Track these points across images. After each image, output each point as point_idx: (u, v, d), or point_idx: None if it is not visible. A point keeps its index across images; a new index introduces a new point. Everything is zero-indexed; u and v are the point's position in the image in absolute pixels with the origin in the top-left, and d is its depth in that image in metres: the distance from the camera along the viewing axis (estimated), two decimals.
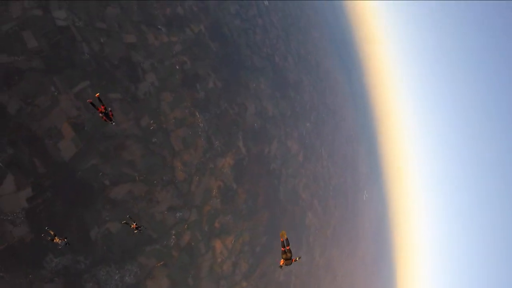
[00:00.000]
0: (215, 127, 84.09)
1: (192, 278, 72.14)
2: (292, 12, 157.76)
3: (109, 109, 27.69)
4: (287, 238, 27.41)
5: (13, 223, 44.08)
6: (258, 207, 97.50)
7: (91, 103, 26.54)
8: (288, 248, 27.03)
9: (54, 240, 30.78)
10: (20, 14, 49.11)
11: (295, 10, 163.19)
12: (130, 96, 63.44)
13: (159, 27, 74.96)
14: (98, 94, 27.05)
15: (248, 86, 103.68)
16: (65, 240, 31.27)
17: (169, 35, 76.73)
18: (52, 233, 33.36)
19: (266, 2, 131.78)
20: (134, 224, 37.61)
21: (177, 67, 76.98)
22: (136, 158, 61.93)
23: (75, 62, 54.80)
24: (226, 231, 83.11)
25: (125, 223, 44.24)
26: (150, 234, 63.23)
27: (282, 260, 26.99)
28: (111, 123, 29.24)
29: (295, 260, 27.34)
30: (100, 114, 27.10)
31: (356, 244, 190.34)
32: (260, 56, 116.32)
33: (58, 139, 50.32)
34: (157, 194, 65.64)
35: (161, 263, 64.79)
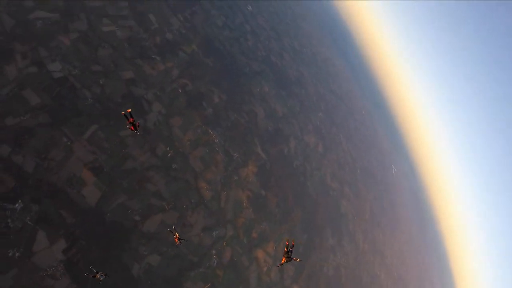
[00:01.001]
0: (230, 139, 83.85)
1: None
2: (277, 10, 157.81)
3: (138, 122, 30.70)
4: (292, 245, 27.97)
5: (53, 277, 44.43)
6: (291, 207, 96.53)
7: (124, 114, 29.04)
8: (291, 249, 27.65)
9: (96, 276, 31.50)
10: (16, 74, 50.08)
11: (280, 7, 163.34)
12: (141, 129, 63.10)
13: (153, 57, 75.69)
14: (129, 109, 29.70)
15: (252, 92, 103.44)
16: (104, 274, 32.28)
17: (164, 62, 77.25)
18: (94, 270, 34.11)
19: (249, 7, 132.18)
20: (177, 234, 36.93)
21: (180, 91, 77.27)
22: (160, 187, 61.96)
23: (80, 109, 55.45)
24: (265, 239, 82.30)
25: (170, 231, 43.59)
26: (191, 258, 63.10)
27: (284, 258, 27.67)
28: (136, 132, 31.52)
29: (295, 260, 27.93)
30: (128, 125, 30.01)
31: (397, 220, 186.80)
32: (257, 60, 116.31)
33: (81, 186, 50.75)
34: (189, 218, 65.52)
35: (208, 285, 64.38)
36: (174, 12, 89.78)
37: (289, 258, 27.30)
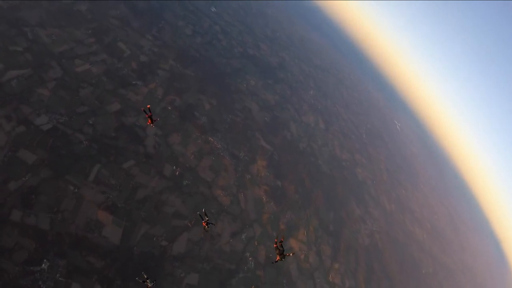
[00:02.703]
0: (232, 141, 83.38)
1: (287, 285, 71.31)
2: (240, 4, 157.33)
3: (157, 119, 34.45)
4: (281, 241, 28.43)
5: None
6: (309, 189, 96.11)
7: (144, 110, 33.42)
8: (280, 243, 28.06)
9: (146, 283, 31.90)
10: (6, 139, 49.50)
11: (242, 1, 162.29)
12: (142, 156, 63.20)
13: (133, 82, 75.13)
14: (149, 105, 33.07)
15: (240, 88, 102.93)
16: (154, 281, 32.67)
17: (146, 84, 76.72)
18: (145, 276, 34.24)
19: (213, 9, 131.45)
20: (207, 218, 35.94)
21: (169, 108, 76.77)
22: (178, 207, 61.53)
23: (78, 153, 54.89)
24: (294, 227, 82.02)
25: (199, 215, 42.30)
26: (228, 267, 62.72)
27: (278, 256, 27.99)
28: (152, 125, 34.33)
29: (289, 255, 28.53)
30: (147, 116, 32.75)
31: (414, 173, 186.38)
32: (235, 57, 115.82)
33: (100, 228, 50.31)
34: (215, 229, 65.15)
35: (252, 287, 63.82)
36: (141, 34, 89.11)
37: (282, 255, 27.56)
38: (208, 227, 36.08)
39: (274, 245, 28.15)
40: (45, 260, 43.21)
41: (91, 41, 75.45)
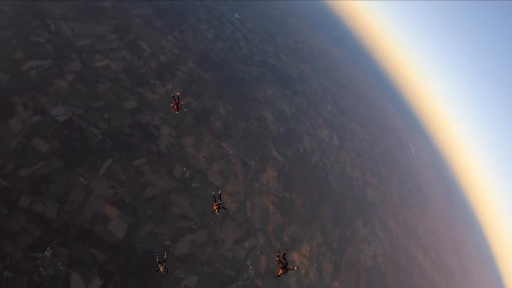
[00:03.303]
0: (244, 148, 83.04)
1: None
2: (264, 12, 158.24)
3: (182, 103, 34.66)
4: (284, 254, 26.85)
5: None
6: (317, 204, 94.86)
7: (173, 96, 33.78)
8: (283, 256, 26.48)
9: (160, 267, 31.15)
10: (22, 126, 50.36)
11: (266, 10, 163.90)
12: (154, 155, 63.30)
13: (152, 82, 75.62)
14: (178, 93, 34.55)
15: (257, 97, 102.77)
16: (167, 270, 31.81)
17: (164, 85, 77.05)
18: (157, 260, 33.51)
19: (236, 15, 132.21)
20: (219, 202, 34.55)
21: (185, 110, 76.62)
22: (185, 208, 61.31)
23: (91, 147, 55.34)
24: (298, 241, 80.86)
25: (213, 195, 40.50)
26: (228, 273, 62.00)
27: (280, 269, 26.31)
28: (176, 113, 34.91)
29: (292, 269, 26.80)
30: (173, 105, 33.69)
31: (424, 198, 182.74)
32: (255, 65, 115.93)
33: (106, 222, 50.37)
34: (219, 234, 64.64)
35: None
36: (163, 34, 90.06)
37: (285, 269, 26.06)
38: (218, 211, 34.30)
39: (277, 258, 26.57)
40: (48, 248, 43.46)
41: (112, 38, 76.45)
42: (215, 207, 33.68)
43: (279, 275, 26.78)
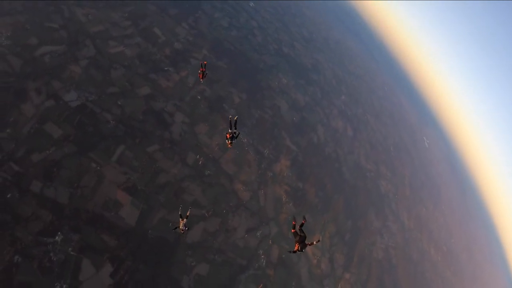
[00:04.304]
0: (258, 137, 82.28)
1: None
2: (280, 3, 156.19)
3: (207, 72, 34.28)
4: (302, 224, 20.96)
5: None
6: (330, 195, 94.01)
7: (201, 63, 33.94)
8: (300, 228, 20.66)
9: (180, 223, 28.73)
10: (34, 111, 50.28)
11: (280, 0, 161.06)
12: (167, 142, 62.97)
13: (166, 68, 75.20)
14: (206, 62, 34.89)
15: (271, 86, 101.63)
16: (186, 227, 29.78)
17: (178, 72, 76.54)
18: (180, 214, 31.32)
19: (251, 4, 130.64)
20: (234, 130, 29.87)
21: (199, 97, 76.22)
22: (197, 196, 60.95)
23: (104, 133, 55.13)
24: (310, 231, 79.15)
25: (230, 121, 35.58)
26: (239, 262, 61.73)
27: (297, 244, 20.30)
28: (201, 81, 35.29)
29: (312, 244, 20.48)
30: (200, 72, 33.69)
31: (437, 193, 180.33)
32: (269, 54, 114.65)
33: (118, 208, 50.21)
34: (231, 222, 64.25)
35: (260, 286, 62.53)
36: (178, 22, 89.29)
37: (303, 244, 20.04)
38: (231, 142, 29.11)
39: (292, 230, 20.92)
40: (59, 233, 43.33)
41: (127, 24, 76.04)
42: (228, 136, 28.69)
43: (295, 251, 20.73)
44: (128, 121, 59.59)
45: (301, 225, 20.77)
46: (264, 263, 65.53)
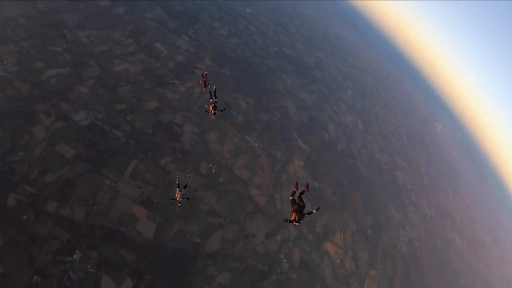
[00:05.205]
0: (268, 140, 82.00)
1: None
2: (275, 5, 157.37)
3: (209, 82, 33.67)
4: (302, 192, 19.59)
5: None
6: (348, 192, 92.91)
7: (202, 74, 34.02)
8: (299, 196, 19.16)
9: (176, 194, 26.11)
10: (45, 133, 50.89)
11: (277, 2, 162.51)
12: (179, 153, 63.03)
13: (171, 81, 75.81)
14: (206, 71, 34.86)
15: (276, 88, 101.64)
16: (185, 198, 27.47)
17: (183, 83, 77.09)
18: (177, 183, 27.58)
19: (248, 10, 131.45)
20: (213, 100, 27.79)
21: (206, 106, 75.91)
22: (213, 204, 60.67)
23: (115, 149, 55.39)
24: (330, 231, 79.16)
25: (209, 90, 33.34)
26: (261, 268, 60.98)
27: (294, 213, 19.00)
28: (203, 90, 34.18)
29: (310, 214, 19.00)
30: (201, 82, 33.36)
31: (456, 178, 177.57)
32: (271, 57, 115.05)
33: (134, 222, 50.22)
34: (250, 228, 63.69)
35: None
36: (178, 35, 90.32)
37: (301, 214, 18.72)
38: (214, 113, 28.66)
39: (291, 197, 19.40)
40: (77, 251, 43.53)
41: (128, 42, 77.03)
42: (211, 108, 28.35)
43: (291, 221, 19.32)
44: (138, 135, 59.87)
45: (302, 193, 19.57)
46: (286, 267, 64.75)
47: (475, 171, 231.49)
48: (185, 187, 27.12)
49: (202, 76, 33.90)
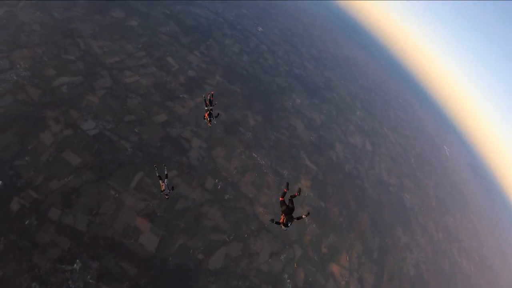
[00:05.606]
0: (276, 158, 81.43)
1: None
2: (286, 25, 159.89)
3: (216, 103, 30.51)
4: (295, 195, 19.01)
5: None
6: (354, 213, 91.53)
7: (209, 93, 30.00)
8: (290, 199, 18.56)
9: (162, 185, 25.68)
10: (53, 139, 50.99)
11: (288, 22, 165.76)
12: (185, 167, 62.66)
13: (181, 96, 76.05)
14: (213, 92, 30.89)
15: (286, 107, 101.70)
16: (170, 188, 26.37)
17: (193, 98, 77.23)
18: (158, 175, 27.50)
19: (259, 28, 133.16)
20: (208, 108, 27.54)
21: (215, 122, 75.54)
22: (218, 220, 59.84)
23: (122, 160, 55.19)
24: (336, 252, 77.58)
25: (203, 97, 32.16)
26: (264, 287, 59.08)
27: (283, 215, 18.25)
28: (207, 107, 29.00)
29: (300, 218, 18.65)
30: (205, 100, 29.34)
31: (463, 200, 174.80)
32: (281, 75, 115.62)
33: (137, 235, 49.55)
34: (254, 246, 62.55)
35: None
36: (190, 50, 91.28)
37: (289, 217, 17.85)
38: (210, 120, 28.77)
39: (281, 198, 18.76)
40: (77, 261, 42.85)
41: (141, 55, 77.82)
42: (206, 115, 28.30)
43: (278, 222, 18.57)
44: (146, 148, 59.64)
45: (293, 196, 19.13)
46: None
47: (483, 193, 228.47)
48: (166, 176, 26.59)
49: (209, 95, 30.04)
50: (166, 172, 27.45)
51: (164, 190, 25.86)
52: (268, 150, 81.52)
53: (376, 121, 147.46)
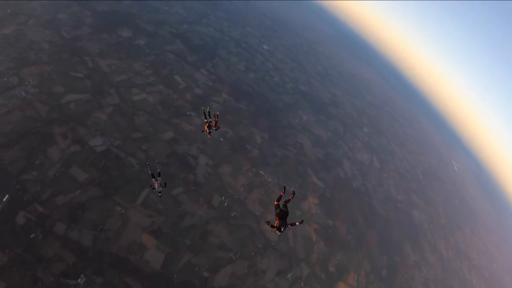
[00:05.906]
0: (283, 175, 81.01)
1: None
2: (291, 42, 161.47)
3: (221, 125, 30.33)
4: (288, 201, 19.32)
5: None
6: (363, 231, 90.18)
7: (214, 114, 29.48)
8: (285, 203, 18.86)
9: (155, 183, 26.52)
10: (60, 155, 51.35)
11: (293, 39, 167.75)
12: (192, 184, 62.47)
13: (188, 113, 76.45)
14: (218, 112, 29.97)
15: (292, 124, 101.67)
16: (162, 186, 26.88)
17: (200, 116, 77.22)
18: (151, 173, 27.88)
19: (265, 46, 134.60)
20: (207, 120, 27.33)
21: (221, 139, 76.47)
22: (224, 238, 59.22)
23: (129, 176, 55.23)
24: (344, 270, 76.16)
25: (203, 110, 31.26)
26: None
27: (276, 220, 18.72)
28: (206, 120, 29.06)
29: (293, 225, 19.47)
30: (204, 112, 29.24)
31: (473, 217, 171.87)
32: (287, 93, 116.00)
33: (142, 251, 49.19)
34: (260, 265, 61.61)
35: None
36: (196, 68, 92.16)
37: (283, 222, 17.98)
38: (210, 133, 28.97)
39: (276, 202, 19.21)
40: (82, 275, 42.65)
41: (148, 73, 78.72)
42: (206, 127, 28.59)
43: (273, 226, 18.97)
44: (153, 164, 59.53)
45: (287, 201, 19.77)
46: None
47: (492, 209, 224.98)
48: (159, 174, 27.28)
49: (215, 116, 29.42)
50: (158, 170, 28.37)
51: (156, 188, 26.51)
52: (275, 167, 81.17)
53: (383, 137, 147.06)
